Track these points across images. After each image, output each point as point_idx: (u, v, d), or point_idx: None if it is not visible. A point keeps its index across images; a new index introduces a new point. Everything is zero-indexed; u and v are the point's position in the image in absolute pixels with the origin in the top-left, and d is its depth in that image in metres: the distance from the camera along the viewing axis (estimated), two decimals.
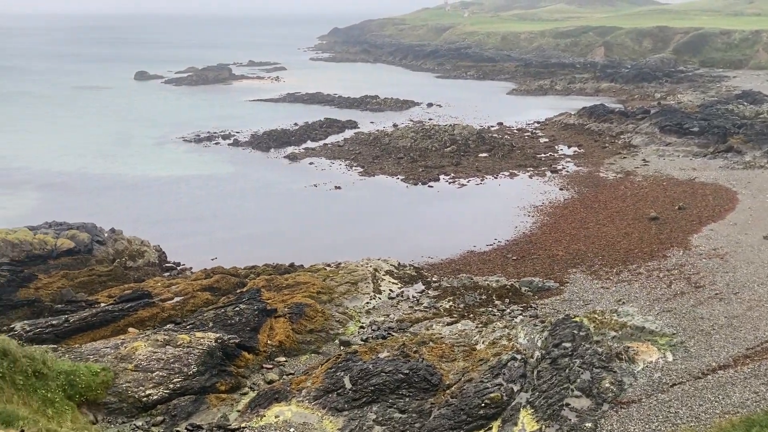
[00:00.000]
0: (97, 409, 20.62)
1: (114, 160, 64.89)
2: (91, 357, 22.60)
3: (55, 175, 59.17)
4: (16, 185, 55.49)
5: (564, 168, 59.94)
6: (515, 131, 78.05)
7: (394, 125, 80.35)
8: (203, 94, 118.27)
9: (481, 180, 56.84)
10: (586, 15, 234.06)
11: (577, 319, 25.40)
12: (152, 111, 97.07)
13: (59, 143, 72.71)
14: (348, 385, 21.70)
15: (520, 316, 28.78)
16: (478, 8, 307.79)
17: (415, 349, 23.65)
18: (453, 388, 21.47)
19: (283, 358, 25.81)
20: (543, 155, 65.41)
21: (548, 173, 58.20)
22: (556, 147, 69.31)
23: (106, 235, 38.79)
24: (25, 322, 27.31)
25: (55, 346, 24.17)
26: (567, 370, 21.86)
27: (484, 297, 31.89)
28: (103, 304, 29.27)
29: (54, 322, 26.85)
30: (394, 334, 27.55)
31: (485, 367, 22.24)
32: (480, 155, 65.05)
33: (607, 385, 21.59)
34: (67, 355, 22.53)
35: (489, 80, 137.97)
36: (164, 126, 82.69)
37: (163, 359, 22.74)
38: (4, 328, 26.35)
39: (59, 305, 30.03)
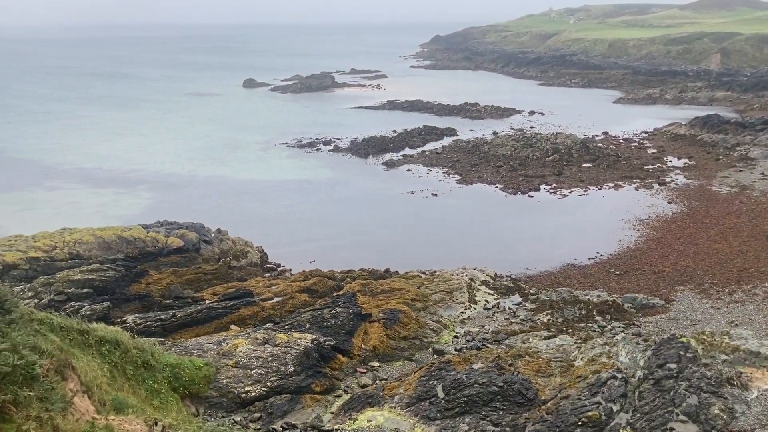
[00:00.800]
0: (198, 402, 21.46)
1: (221, 164, 67.78)
2: (195, 352, 23.58)
3: (167, 176, 62.47)
4: (132, 185, 58.99)
5: (673, 180, 57.24)
6: (621, 141, 75.37)
7: (494, 133, 79.47)
8: (306, 101, 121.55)
9: (584, 191, 55.18)
10: (700, 20, 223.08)
11: (684, 339, 24.04)
12: (258, 117, 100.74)
13: (171, 147, 76.80)
14: (441, 395, 21.51)
15: (622, 334, 27.59)
16: (585, 14, 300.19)
17: (510, 362, 23.15)
18: (549, 404, 20.85)
19: (377, 363, 25.97)
20: (650, 167, 62.73)
21: (656, 185, 55.75)
22: (665, 158, 66.30)
23: (212, 235, 40.49)
24: (136, 315, 28.93)
25: (163, 339, 25.45)
26: (672, 393, 20.74)
27: (584, 312, 30.88)
28: (207, 302, 30.57)
29: (162, 316, 28.32)
30: (488, 345, 27.15)
31: (583, 385, 21.45)
32: (583, 165, 63.23)
33: (717, 411, 20.31)
34: (173, 349, 23.60)
35: (594, 88, 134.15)
36: (269, 132, 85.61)
37: (262, 357, 23.41)
38: (118, 320, 27.98)
39: (167, 301, 31.67)
